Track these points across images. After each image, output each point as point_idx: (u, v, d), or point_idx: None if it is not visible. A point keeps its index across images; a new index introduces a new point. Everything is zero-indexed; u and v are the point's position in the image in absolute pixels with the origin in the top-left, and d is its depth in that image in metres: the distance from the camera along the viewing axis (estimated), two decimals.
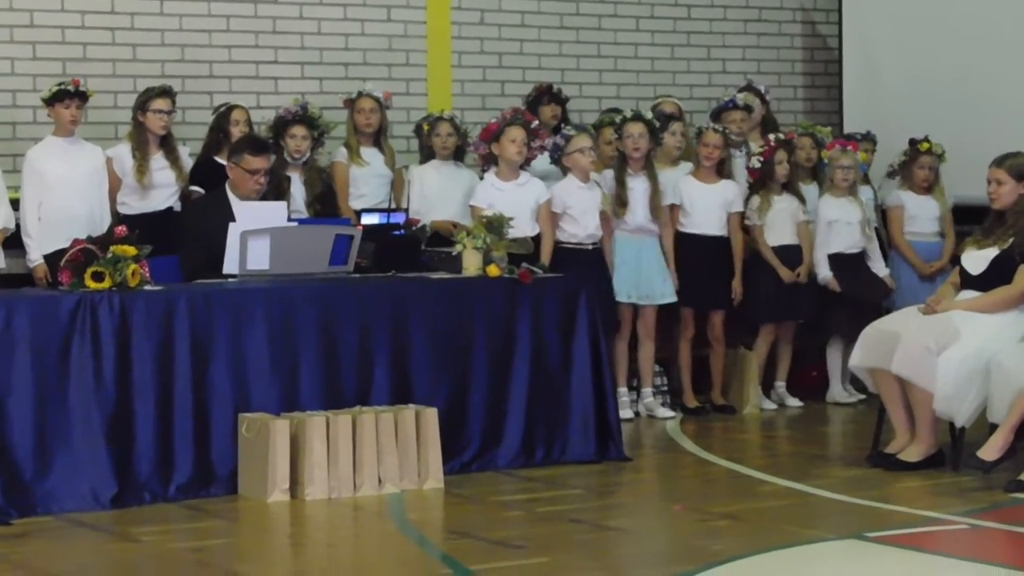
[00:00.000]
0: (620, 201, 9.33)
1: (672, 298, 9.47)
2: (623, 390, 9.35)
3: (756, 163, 9.72)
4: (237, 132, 9.09)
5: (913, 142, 10.21)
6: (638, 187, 9.40)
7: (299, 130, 9.25)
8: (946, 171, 10.25)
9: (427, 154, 9.66)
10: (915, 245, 10.22)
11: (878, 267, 9.99)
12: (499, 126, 9.02)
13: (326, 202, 9.28)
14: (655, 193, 9.42)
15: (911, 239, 10.23)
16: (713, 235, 9.65)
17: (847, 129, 11.14)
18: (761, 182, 9.74)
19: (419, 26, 10.61)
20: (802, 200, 9.84)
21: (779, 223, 9.76)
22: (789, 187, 9.80)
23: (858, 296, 9.76)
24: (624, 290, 9.35)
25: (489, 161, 9.14)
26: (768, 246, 9.74)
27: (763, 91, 10.66)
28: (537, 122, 9.36)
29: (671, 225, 9.58)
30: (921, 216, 10.23)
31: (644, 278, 9.41)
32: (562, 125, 9.87)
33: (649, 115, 9.48)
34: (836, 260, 9.84)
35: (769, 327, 9.86)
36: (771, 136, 9.85)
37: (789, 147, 9.81)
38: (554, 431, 8.00)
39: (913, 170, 10.21)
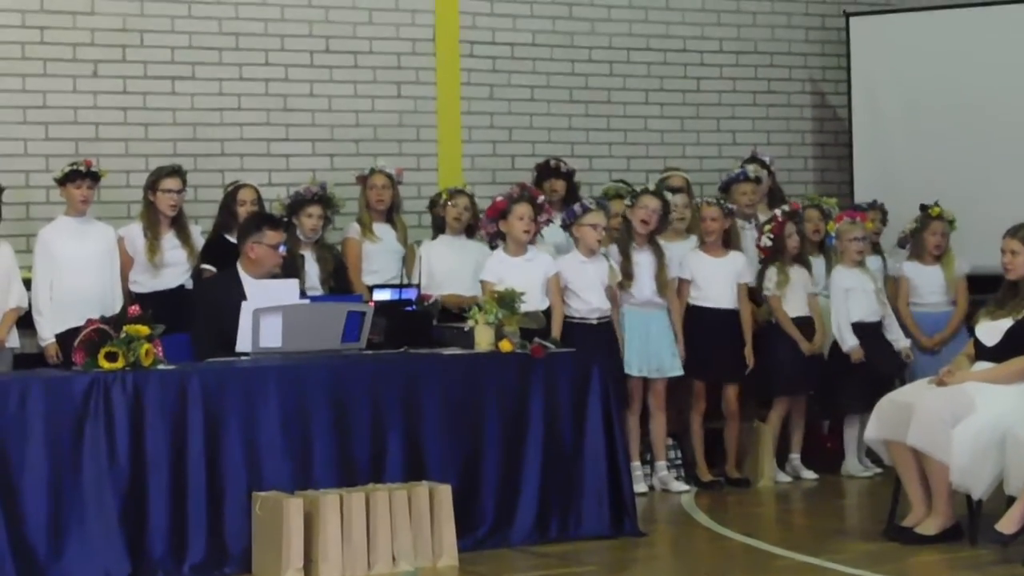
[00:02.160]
0: (625, 274, 9.33)
1: (680, 371, 9.45)
2: (636, 464, 9.30)
3: (767, 241, 9.71)
4: (243, 212, 9.11)
5: (924, 208, 10.11)
6: (643, 260, 9.40)
7: (315, 209, 9.29)
8: (958, 239, 10.20)
9: (438, 225, 9.69)
10: (922, 316, 10.12)
11: (896, 337, 9.91)
12: (506, 204, 9.05)
13: (339, 278, 9.29)
14: (661, 268, 9.42)
15: (918, 310, 10.13)
16: (725, 308, 9.63)
17: (858, 199, 11.12)
18: (773, 257, 9.74)
19: (429, 102, 10.65)
20: (809, 271, 9.85)
21: (794, 295, 9.75)
22: (799, 258, 9.81)
23: (875, 367, 9.71)
24: (635, 363, 9.33)
25: (497, 238, 9.17)
26: (788, 318, 9.72)
27: (768, 161, 10.68)
28: (543, 197, 9.39)
29: (681, 299, 9.58)
30: (927, 286, 10.13)
31: (653, 351, 9.39)
32: (581, 197, 9.85)
33: (668, 195, 9.49)
34: (855, 329, 9.74)
35: (783, 400, 9.83)
36: (778, 212, 9.83)
37: (796, 217, 9.81)
38: (568, 506, 7.95)
39: (924, 237, 10.11)
